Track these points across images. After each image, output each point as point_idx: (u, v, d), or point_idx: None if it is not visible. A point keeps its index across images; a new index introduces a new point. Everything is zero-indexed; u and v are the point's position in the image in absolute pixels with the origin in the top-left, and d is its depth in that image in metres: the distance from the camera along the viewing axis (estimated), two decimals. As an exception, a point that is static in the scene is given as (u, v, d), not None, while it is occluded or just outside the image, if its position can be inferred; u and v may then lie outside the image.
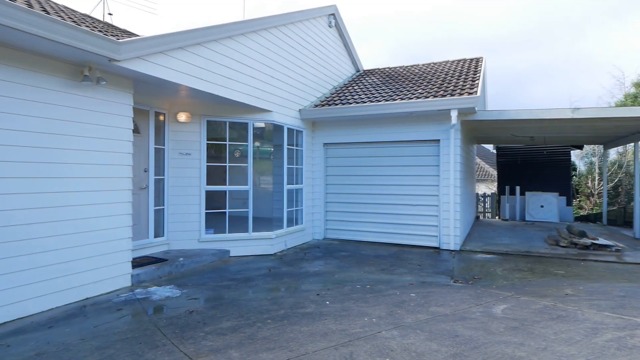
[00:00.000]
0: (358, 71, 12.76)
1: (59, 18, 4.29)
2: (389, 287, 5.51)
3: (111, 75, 5.26)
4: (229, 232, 7.61)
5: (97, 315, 4.42)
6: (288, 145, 8.61)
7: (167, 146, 7.24)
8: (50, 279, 4.59)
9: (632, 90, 23.13)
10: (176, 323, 4.14)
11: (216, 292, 5.29)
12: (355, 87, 10.63)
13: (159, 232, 7.14)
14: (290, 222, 8.72)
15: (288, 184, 8.54)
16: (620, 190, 21.78)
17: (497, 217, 16.49)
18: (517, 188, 14.67)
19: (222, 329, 3.96)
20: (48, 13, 4.50)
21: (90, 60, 4.75)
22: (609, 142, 13.27)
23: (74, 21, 4.99)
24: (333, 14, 10.56)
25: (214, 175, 7.83)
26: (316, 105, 9.47)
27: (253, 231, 7.76)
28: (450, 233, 8.37)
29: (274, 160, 8.52)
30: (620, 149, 21.77)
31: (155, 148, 7.00)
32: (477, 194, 17.09)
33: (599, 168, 22.00)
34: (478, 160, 25.13)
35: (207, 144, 7.57)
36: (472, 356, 3.27)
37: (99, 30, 5.13)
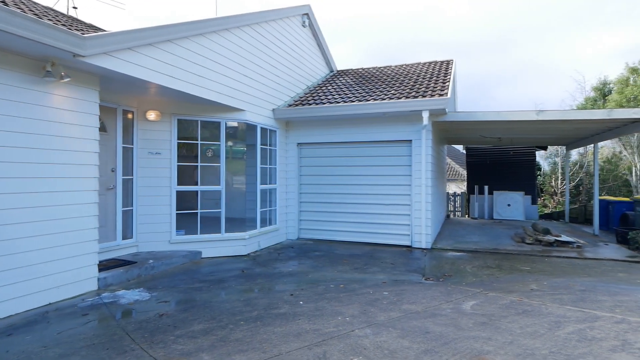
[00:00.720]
0: (332, 71, 12.81)
1: (18, 10, 4.09)
2: (363, 286, 5.56)
3: (76, 71, 5.06)
4: (200, 233, 7.48)
5: (61, 321, 4.25)
6: (261, 144, 8.54)
7: (136, 145, 7.04)
8: (8, 284, 4.37)
9: (592, 94, 24.26)
10: (146, 327, 4.03)
11: (187, 295, 5.18)
12: (329, 87, 10.66)
13: (127, 234, 6.93)
14: (264, 223, 8.66)
15: (261, 184, 8.47)
16: (581, 189, 22.80)
17: (466, 215, 16.92)
18: (486, 187, 15.11)
19: (194, 331, 3.88)
20: (7, 4, 4.28)
21: (53, 56, 4.56)
22: (570, 144, 13.86)
23: (35, 14, 4.77)
24: (307, 14, 10.56)
25: (186, 175, 7.67)
26: (290, 105, 9.45)
27: (226, 232, 7.66)
28: (422, 232, 8.52)
29: (247, 160, 8.43)
30: (581, 149, 22.79)
31: (123, 147, 6.79)
32: (448, 193, 17.49)
33: (562, 168, 22.96)
34: (448, 160, 25.73)
35: (178, 143, 7.41)
36: (443, 352, 3.34)
37: (63, 24, 4.93)
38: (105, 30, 5.84)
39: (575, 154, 23.24)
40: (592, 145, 12.11)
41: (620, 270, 6.70)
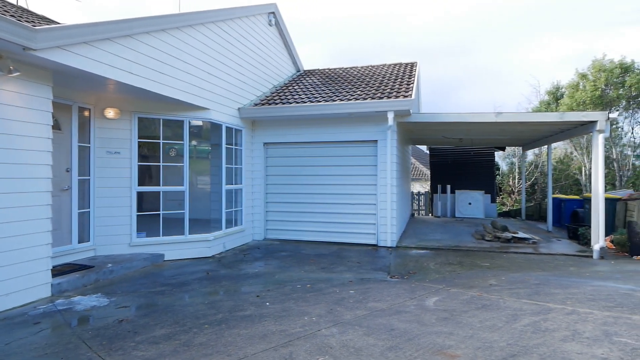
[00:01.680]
0: (298, 71, 12.79)
1: (-39, -1, 3.82)
2: (329, 285, 5.58)
3: (27, 65, 4.78)
4: (163, 235, 7.26)
5: (10, 331, 4.00)
6: (227, 144, 8.40)
7: (94, 144, 6.74)
8: (-49, 292, 4.07)
9: (546, 98, 25.52)
10: (104, 334, 3.86)
11: (149, 299, 5.01)
12: (295, 87, 10.63)
13: (84, 237, 6.62)
14: (229, 223, 8.52)
15: (227, 184, 8.33)
16: (536, 188, 23.95)
17: (430, 214, 17.37)
18: (448, 187, 15.57)
19: (156, 337, 3.76)
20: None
21: (1, 48, 4.28)
22: (527, 145, 14.52)
23: (-20, 3, 4.46)
24: (273, 13, 10.48)
25: (147, 175, 7.43)
26: (256, 104, 9.35)
27: (189, 233, 7.47)
28: (387, 231, 8.66)
29: (212, 159, 8.27)
30: (536, 150, 23.92)
31: (79, 146, 6.48)
32: (412, 192, 17.89)
33: (519, 168, 24.01)
34: (413, 160, 26.31)
35: (139, 142, 7.15)
36: (407, 348, 3.41)
37: (12, 15, 4.64)
38: (58, 23, 5.55)
39: (531, 154, 24.36)
40: (546, 146, 12.75)
41: (571, 265, 7.09)
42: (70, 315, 4.42)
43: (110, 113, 6.82)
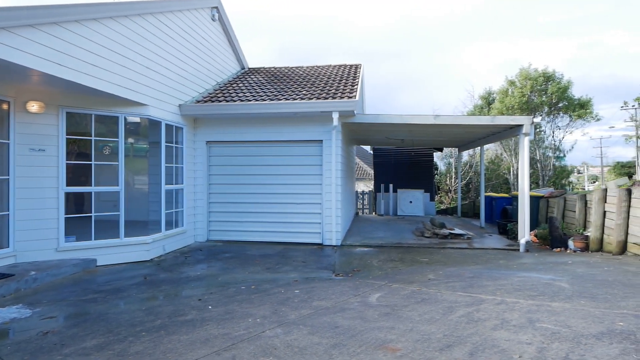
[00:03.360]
0: (243, 69, 12.56)
1: None
2: (274, 286, 5.54)
3: None
4: (95, 239, 6.79)
5: None
6: (167, 142, 8.04)
7: (14, 141, 6.14)
8: None
9: (480, 102, 27.24)
10: (25, 348, 3.53)
11: (79, 308, 4.67)
12: (239, 85, 10.43)
13: (2, 243, 6.03)
14: (170, 225, 8.17)
15: (167, 184, 7.98)
16: (471, 186, 25.48)
17: (374, 212, 17.85)
18: (391, 186, 16.09)
19: (86, 348, 3.51)
20: None
21: None
22: (462, 146, 15.39)
23: None
24: (216, 7, 10.20)
25: (77, 174, 6.92)
26: (198, 101, 9.04)
27: (125, 236, 7.06)
28: (332, 229, 8.77)
29: (151, 158, 7.87)
30: (471, 151, 25.43)
31: (-3, 142, 5.88)
32: (357, 191, 18.28)
33: (455, 168, 25.41)
34: (357, 160, 26.89)
35: (68, 139, 6.64)
36: (350, 344, 3.47)
37: None
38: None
39: (466, 155, 25.86)
40: (480, 147, 13.60)
41: (501, 258, 7.62)
42: (-15, 330, 4.00)
43: (33, 107, 6.26)
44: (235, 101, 8.95)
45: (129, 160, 7.54)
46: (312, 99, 8.75)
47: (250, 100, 8.93)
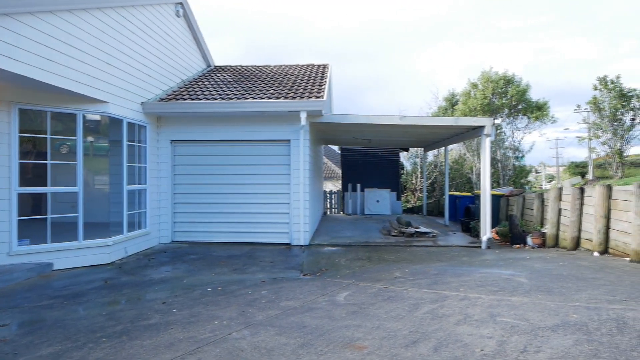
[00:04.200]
0: (209, 66, 12.33)
1: None
2: (241, 287, 5.47)
3: None
4: (51, 242, 6.47)
5: None
6: (129, 141, 7.77)
7: (-40, 138, 5.75)
8: None
9: (444, 103, 27.99)
10: (-27, 359, 3.32)
11: (34, 315, 4.43)
12: (205, 83, 10.23)
13: (-52, 247, 5.63)
14: (132, 227, 7.90)
15: (129, 184, 7.71)
16: (436, 186, 26.14)
17: (342, 212, 17.98)
18: (358, 185, 16.26)
19: (42, 357, 3.34)
20: None
21: None
22: (427, 146, 15.77)
23: None
24: (181, 3, 9.95)
25: (32, 174, 6.57)
26: (162, 99, 8.79)
27: (85, 239, 6.77)
28: (300, 229, 8.76)
29: (112, 157, 7.58)
30: (435, 152, 26.09)
31: (-60, 140, 5.49)
32: (325, 191, 18.35)
33: (420, 167, 25.99)
34: (325, 160, 26.99)
35: (21, 137, 6.29)
36: (318, 344, 3.48)
37: None
38: None
39: (431, 155, 26.50)
40: (444, 148, 13.99)
41: (464, 255, 7.87)
42: None
43: (-18, 103, 5.88)
44: (200, 99, 8.77)
45: (89, 159, 7.23)
46: (279, 98, 8.71)
47: (216, 99, 8.78)
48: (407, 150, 19.25)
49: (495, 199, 11.53)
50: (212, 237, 9.03)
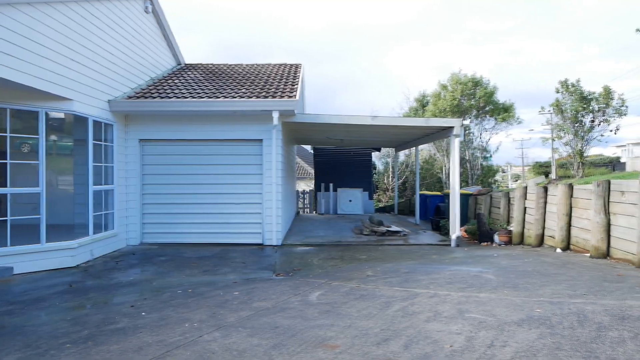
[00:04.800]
0: (179, 64, 12.08)
1: None
2: (213, 289, 5.40)
3: None
4: (11, 245, 6.16)
5: None
6: (95, 140, 7.51)
7: None
8: None
9: (415, 104, 28.52)
10: None
11: (-9, 322, 4.22)
12: (175, 81, 10.02)
13: None
14: (99, 228, 7.64)
15: (95, 184, 7.45)
16: (407, 185, 26.62)
17: (315, 212, 18.02)
18: (331, 185, 16.34)
19: (-1, 366, 3.18)
20: None
21: None
22: (399, 146, 16.03)
23: None
24: (150, -1, 9.70)
25: (-11, 174, 6.24)
26: (130, 97, 8.54)
27: (47, 241, 6.49)
28: (273, 229, 8.72)
29: (77, 157, 7.30)
30: (407, 152, 26.58)
31: None
32: (298, 191, 18.35)
33: (392, 167, 26.39)
34: (298, 159, 26.96)
35: (-23, 135, 5.97)
36: (290, 344, 3.48)
37: None
38: None
39: (402, 155, 26.97)
40: (415, 148, 14.25)
41: (434, 253, 8.05)
42: None
43: None
44: (170, 98, 8.59)
45: (52, 159, 6.95)
46: (251, 97, 8.64)
47: (186, 97, 8.62)
48: (379, 150, 19.49)
49: (464, 198, 11.85)
50: (183, 238, 8.85)
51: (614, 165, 36.15)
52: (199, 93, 8.94)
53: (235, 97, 8.61)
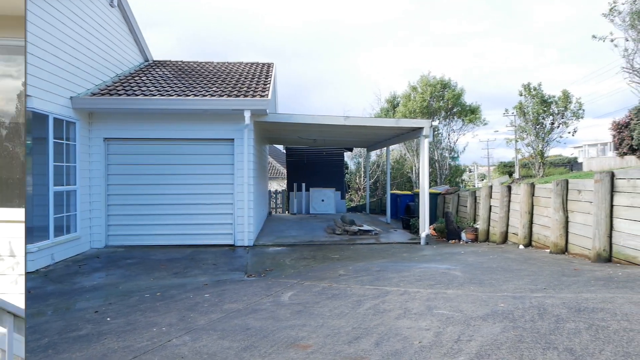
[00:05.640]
0: (147, 61, 11.75)
1: None
2: (182, 291, 5.28)
3: None
4: (-36, 250, 5.82)
5: None
6: (56, 138, 7.19)
7: None
8: None
9: (386, 105, 28.91)
10: None
11: (-59, 332, 3.96)
12: (143, 78, 9.74)
13: None
14: (60, 231, 7.32)
15: (56, 185, 7.14)
16: (378, 185, 26.98)
17: (287, 211, 17.96)
18: (304, 185, 16.34)
19: (-50, 378, 2.99)
20: None
21: None
22: (370, 146, 16.22)
23: None
24: (115, -7, 9.38)
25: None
26: (94, 94, 8.23)
27: (4, 245, 6.16)
28: (244, 230, 8.63)
29: (36, 156, 6.96)
30: (378, 152, 26.91)
31: None
32: (270, 191, 18.23)
33: (364, 167, 26.66)
34: (270, 159, 26.81)
35: None
36: (262, 346, 3.45)
37: None
38: None
39: (374, 155, 27.29)
40: (386, 148, 14.46)
41: (405, 251, 8.19)
42: None
43: None
44: (137, 95, 8.34)
45: (8, 158, 6.58)
46: (223, 96, 8.51)
47: (155, 95, 8.39)
48: (351, 150, 19.66)
49: (433, 197, 12.12)
50: (151, 240, 8.61)
51: (572, 165, 38.00)
52: (168, 91, 8.73)
53: (206, 96, 8.47)
